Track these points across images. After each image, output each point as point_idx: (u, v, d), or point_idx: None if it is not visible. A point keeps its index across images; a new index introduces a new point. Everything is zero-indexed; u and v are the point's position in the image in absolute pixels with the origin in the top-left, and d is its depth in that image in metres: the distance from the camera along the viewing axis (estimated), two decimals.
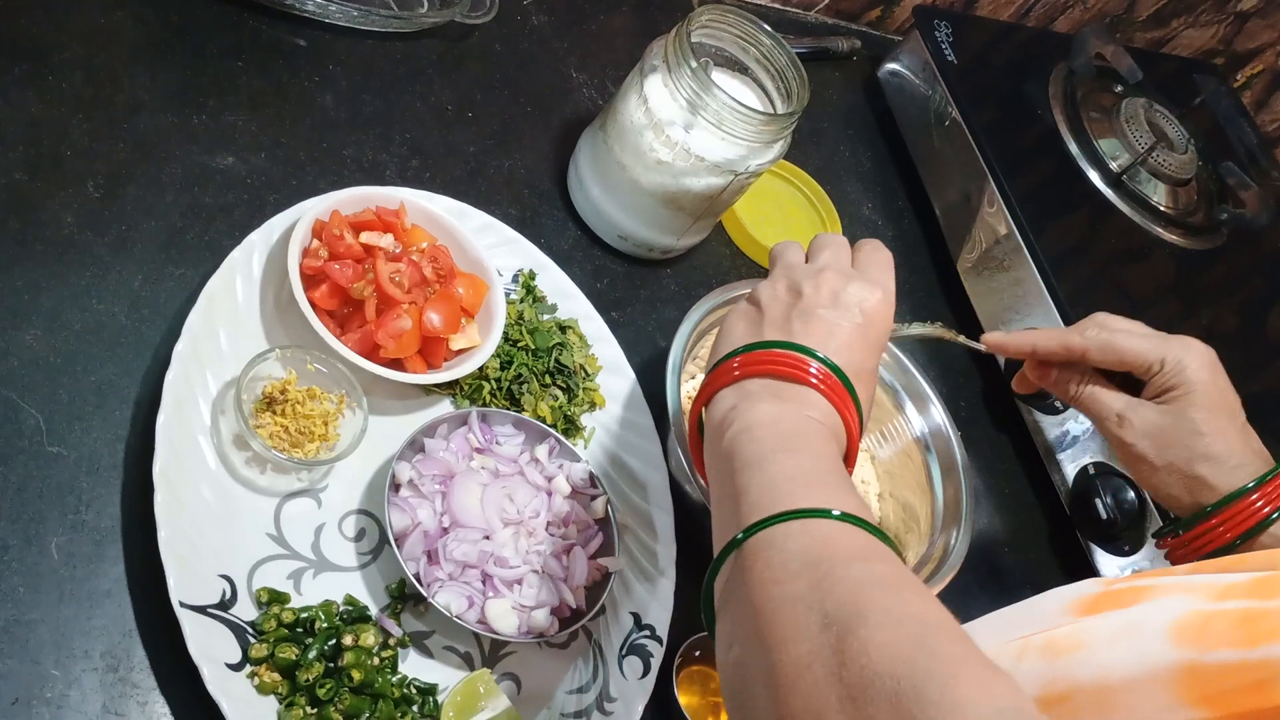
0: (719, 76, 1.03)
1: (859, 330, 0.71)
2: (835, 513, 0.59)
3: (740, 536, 0.60)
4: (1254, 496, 0.78)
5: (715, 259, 1.15)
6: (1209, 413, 0.80)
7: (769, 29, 1.02)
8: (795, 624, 0.53)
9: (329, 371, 0.84)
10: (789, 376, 0.69)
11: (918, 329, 0.92)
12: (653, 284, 1.09)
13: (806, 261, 0.77)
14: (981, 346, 0.90)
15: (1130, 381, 0.86)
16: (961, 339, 0.93)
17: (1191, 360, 0.82)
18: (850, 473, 0.69)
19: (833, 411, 0.68)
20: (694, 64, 0.94)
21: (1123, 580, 0.64)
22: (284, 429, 0.81)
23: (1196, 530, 0.80)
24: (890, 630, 0.50)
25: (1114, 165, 1.33)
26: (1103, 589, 0.63)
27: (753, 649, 0.55)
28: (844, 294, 0.72)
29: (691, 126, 0.96)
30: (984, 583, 1.08)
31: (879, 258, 0.77)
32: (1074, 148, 1.33)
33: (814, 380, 0.68)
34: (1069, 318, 1.15)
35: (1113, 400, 0.85)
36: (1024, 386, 0.93)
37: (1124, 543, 1.09)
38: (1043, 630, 0.62)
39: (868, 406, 0.72)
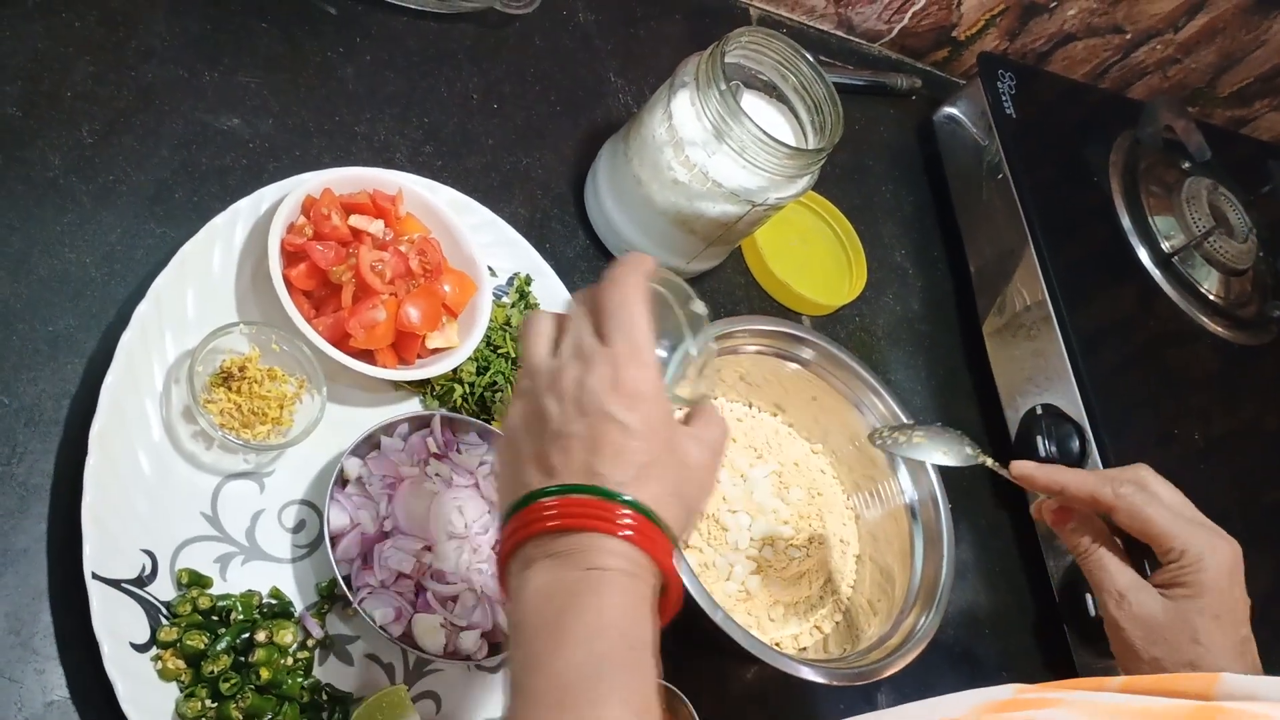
0: (752, 100, 0.99)
1: (621, 429, 0.59)
2: None
3: None
4: None
5: (728, 287, 1.11)
6: (1212, 623, 0.76)
7: (810, 58, 0.97)
8: None
9: (292, 353, 0.81)
10: (562, 528, 0.58)
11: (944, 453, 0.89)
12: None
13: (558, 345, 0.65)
14: (1007, 474, 0.85)
15: (1147, 552, 0.81)
16: (989, 462, 0.88)
17: (1212, 561, 0.76)
18: (674, 604, 0.60)
19: (627, 549, 0.58)
20: (723, 87, 0.90)
21: (1034, 689, 0.60)
22: (236, 407, 0.79)
23: None
24: None
25: (1166, 245, 1.26)
26: (1014, 695, 0.59)
27: None
28: (586, 393, 0.60)
29: (713, 150, 0.92)
30: (955, 663, 1.03)
31: (615, 296, 0.63)
32: (1126, 221, 1.28)
33: (592, 522, 0.57)
34: (1090, 400, 1.10)
35: (1119, 575, 0.80)
36: (1041, 514, 0.87)
37: (1108, 644, 1.03)
38: None
39: (685, 493, 0.62)
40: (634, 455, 0.59)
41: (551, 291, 0.95)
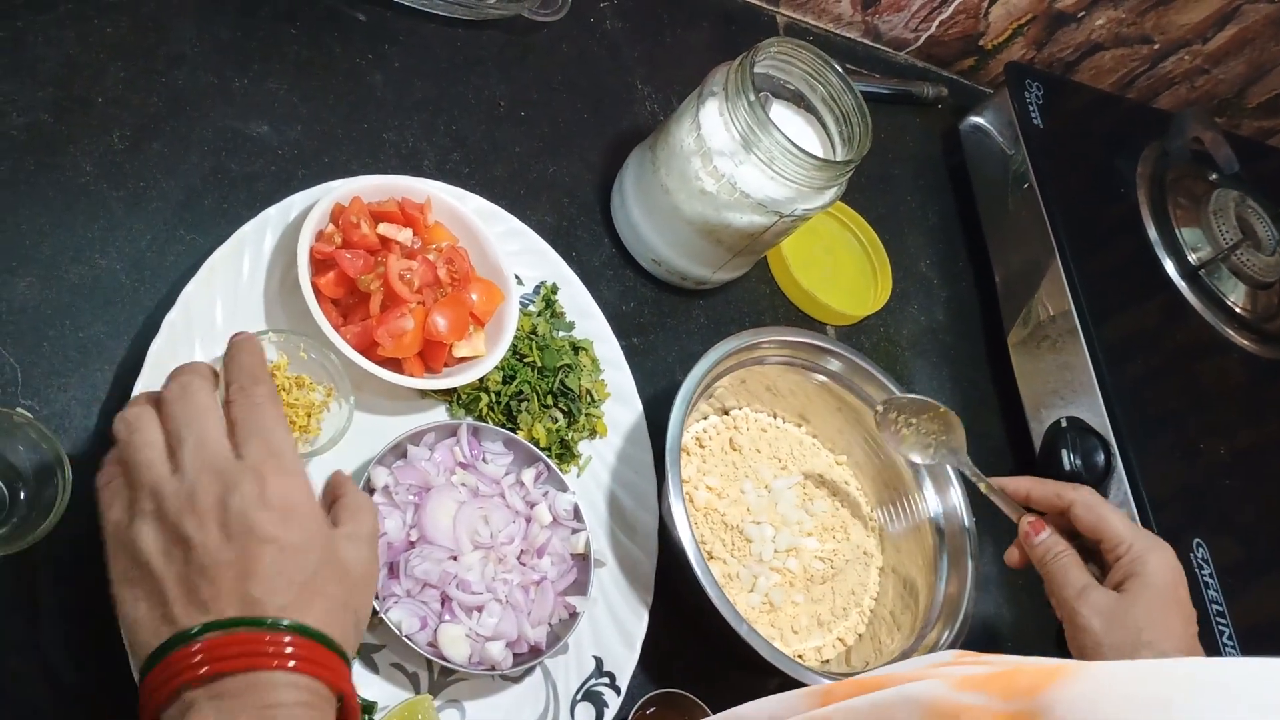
0: (780, 110, 0.99)
1: (277, 551, 0.55)
2: None
3: None
4: None
5: (752, 297, 1.11)
6: (1159, 608, 0.81)
7: (840, 69, 0.97)
8: None
9: (320, 361, 0.81)
10: (219, 671, 0.52)
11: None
12: (681, 314, 1.05)
13: (171, 453, 0.58)
14: (985, 484, 0.92)
15: (1097, 561, 0.88)
16: (968, 471, 0.94)
17: (1154, 558, 0.83)
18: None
19: (298, 677, 0.53)
20: (752, 97, 0.90)
21: (974, 655, 0.58)
22: None
23: None
24: None
25: (1193, 257, 1.26)
26: (953, 657, 0.59)
27: None
28: (229, 514, 0.55)
29: (741, 160, 0.91)
30: None
31: (246, 397, 0.60)
32: (1153, 233, 1.27)
33: (255, 660, 0.52)
34: (1115, 413, 1.09)
35: (1081, 574, 0.85)
36: (1011, 559, 0.92)
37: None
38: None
39: (351, 600, 0.58)
40: (293, 574, 0.55)
41: (578, 301, 0.95)
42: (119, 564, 0.56)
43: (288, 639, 0.53)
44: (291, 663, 0.53)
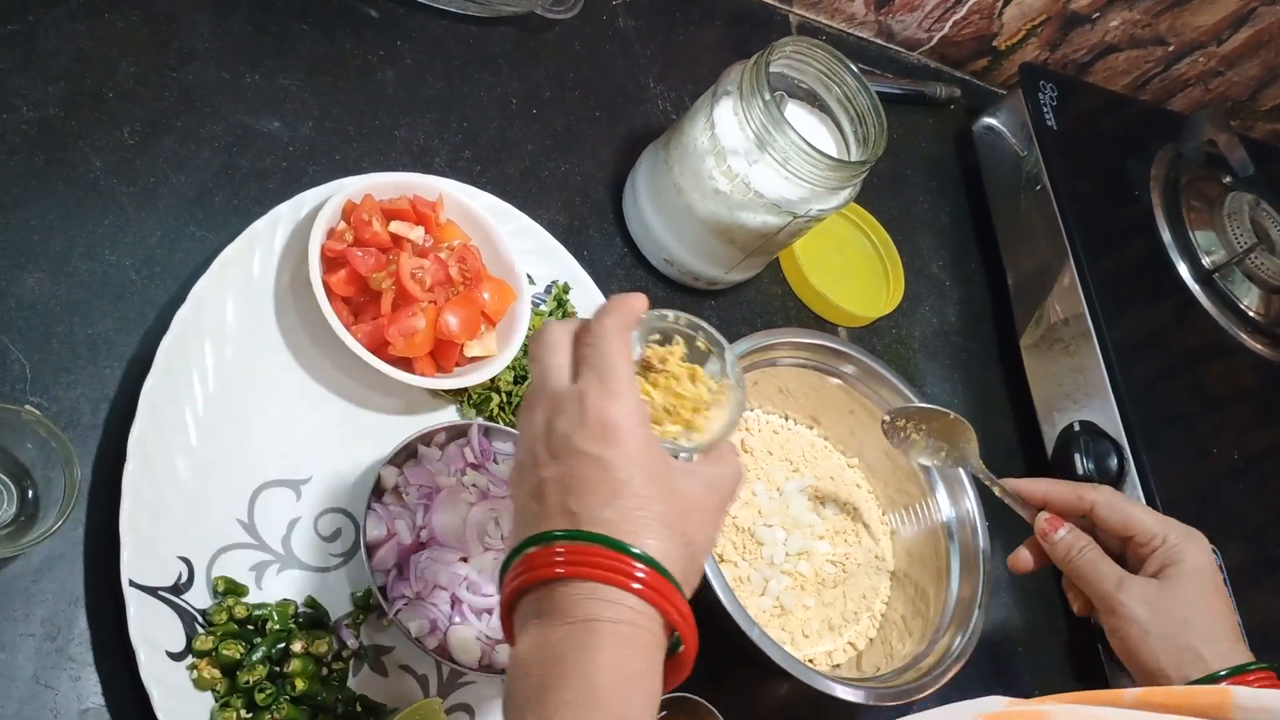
0: (795, 110, 0.98)
1: (600, 471, 0.57)
2: None
3: None
4: (1250, 678, 0.75)
5: (764, 298, 1.10)
6: (1203, 594, 0.80)
7: (855, 69, 0.96)
8: None
9: (717, 354, 0.72)
10: (566, 576, 0.55)
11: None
12: (693, 315, 1.04)
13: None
14: (999, 488, 0.90)
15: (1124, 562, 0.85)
16: (982, 475, 0.92)
17: (1191, 546, 0.81)
18: (686, 666, 0.58)
19: (631, 601, 0.55)
20: (767, 97, 0.89)
21: (1026, 702, 0.60)
22: (650, 399, 0.69)
23: None
24: None
25: (1207, 261, 1.25)
26: (1005, 708, 0.59)
27: None
28: (557, 438, 0.58)
29: (755, 160, 0.91)
30: (987, 681, 1.02)
31: (598, 330, 0.62)
32: (1167, 235, 1.26)
33: (601, 574, 0.55)
34: (1128, 417, 1.08)
35: (1112, 567, 0.83)
36: (1019, 564, 0.89)
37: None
38: None
39: (690, 535, 0.59)
40: (610, 488, 0.57)
41: (590, 301, 0.95)
42: (513, 477, 0.62)
43: (639, 567, 0.55)
44: (635, 585, 0.54)
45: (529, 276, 0.92)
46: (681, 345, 0.71)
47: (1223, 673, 0.76)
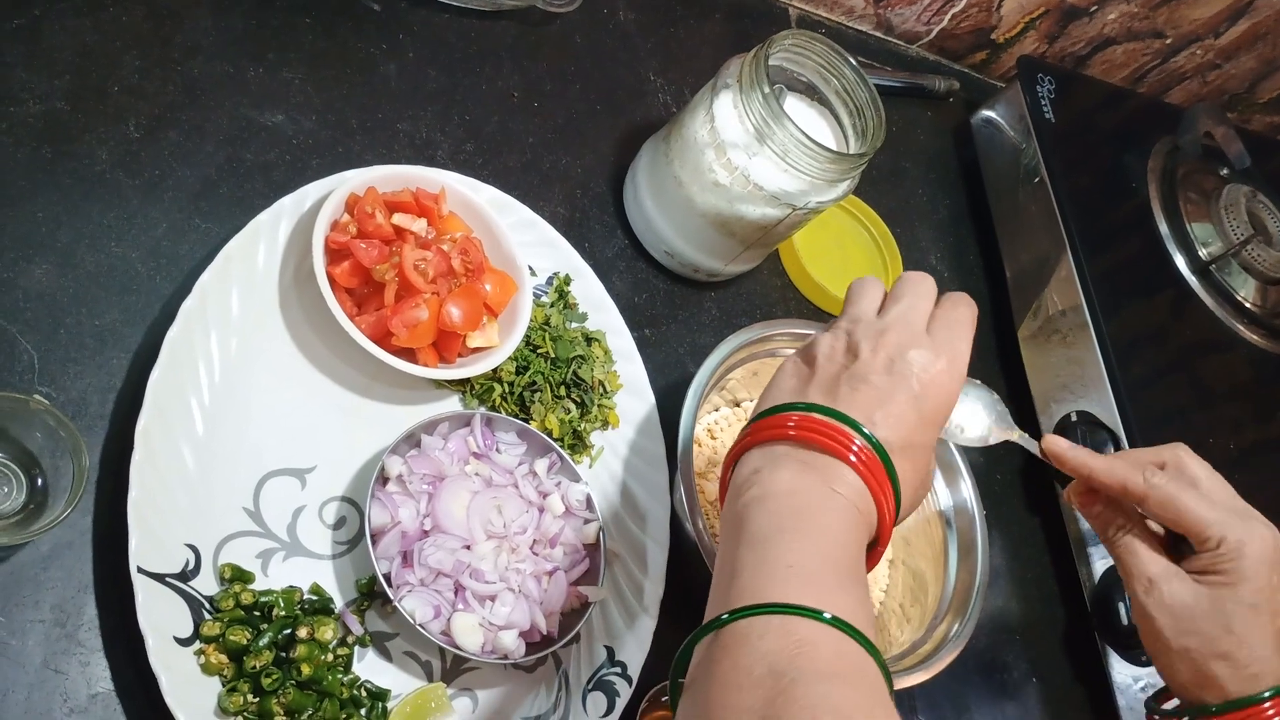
0: (793, 103, 0.99)
1: (913, 402, 0.65)
2: (826, 615, 0.55)
3: (725, 618, 0.56)
4: (1266, 705, 0.70)
5: (764, 290, 1.11)
6: (1249, 612, 0.71)
7: (854, 63, 0.97)
8: None
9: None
10: (822, 447, 0.63)
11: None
12: (693, 306, 1.06)
13: (880, 309, 0.70)
14: (1036, 449, 0.79)
15: (1181, 539, 0.76)
16: (1017, 436, 0.81)
17: (1253, 549, 0.71)
18: (875, 561, 0.64)
19: (865, 491, 0.62)
20: (767, 89, 0.90)
21: None
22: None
23: None
24: None
25: (1204, 253, 1.26)
26: None
27: None
28: (902, 360, 0.65)
29: (755, 153, 0.91)
30: (985, 671, 1.03)
31: (956, 315, 0.70)
32: (1164, 228, 1.27)
33: (850, 455, 0.62)
34: (1124, 406, 1.09)
35: (1150, 562, 0.75)
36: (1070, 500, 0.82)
37: (1141, 652, 1.03)
38: None
39: (916, 486, 0.66)
40: (905, 428, 0.64)
41: (591, 293, 0.96)
42: (787, 366, 0.70)
43: (858, 443, 0.63)
44: (851, 457, 0.62)
45: (531, 268, 0.93)
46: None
47: (1266, 694, 0.71)
